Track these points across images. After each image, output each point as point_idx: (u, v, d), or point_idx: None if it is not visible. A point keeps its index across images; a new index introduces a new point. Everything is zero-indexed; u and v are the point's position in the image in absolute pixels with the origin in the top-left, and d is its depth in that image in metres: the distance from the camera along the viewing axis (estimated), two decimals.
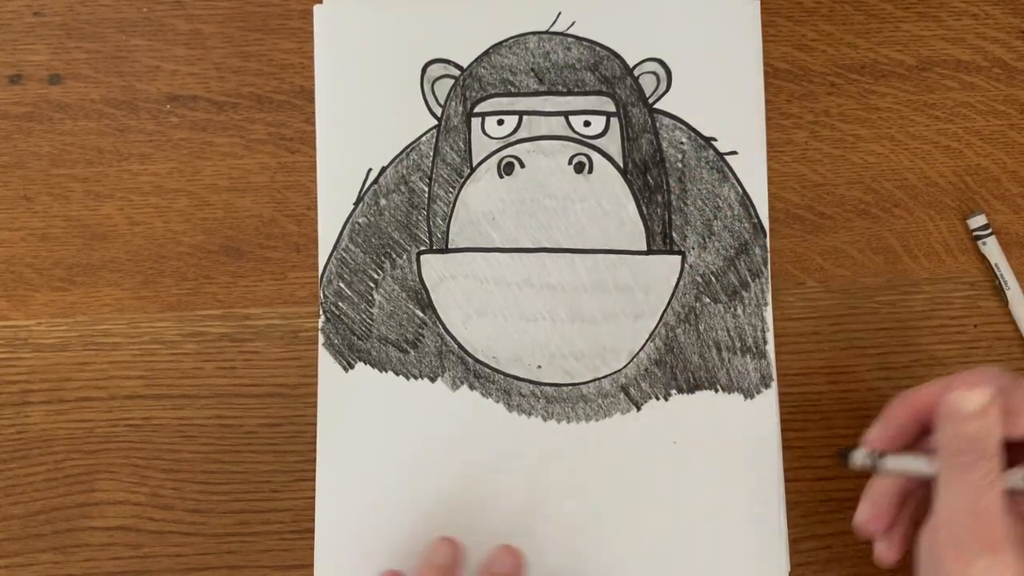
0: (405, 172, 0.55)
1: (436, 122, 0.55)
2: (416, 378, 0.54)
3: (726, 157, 0.55)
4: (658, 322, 0.54)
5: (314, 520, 0.53)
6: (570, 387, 0.54)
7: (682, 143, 0.55)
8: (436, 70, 0.55)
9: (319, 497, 0.53)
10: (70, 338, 0.54)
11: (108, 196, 0.55)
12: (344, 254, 0.54)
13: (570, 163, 0.55)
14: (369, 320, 0.54)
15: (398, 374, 0.54)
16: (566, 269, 0.54)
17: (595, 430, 0.53)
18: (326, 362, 0.54)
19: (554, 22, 0.56)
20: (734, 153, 0.55)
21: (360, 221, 0.55)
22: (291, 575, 0.52)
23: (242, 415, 0.54)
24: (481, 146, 0.55)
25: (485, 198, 0.55)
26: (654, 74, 0.55)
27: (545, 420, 0.53)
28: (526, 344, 0.54)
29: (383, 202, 0.55)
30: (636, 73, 0.55)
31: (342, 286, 0.54)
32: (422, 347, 0.54)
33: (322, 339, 0.54)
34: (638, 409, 0.54)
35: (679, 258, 0.54)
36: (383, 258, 0.54)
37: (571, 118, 0.55)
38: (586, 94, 0.55)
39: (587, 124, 0.55)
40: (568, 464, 0.53)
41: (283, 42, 0.56)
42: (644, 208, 0.54)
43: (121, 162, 0.55)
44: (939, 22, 0.57)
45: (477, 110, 0.55)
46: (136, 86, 0.56)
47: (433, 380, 0.54)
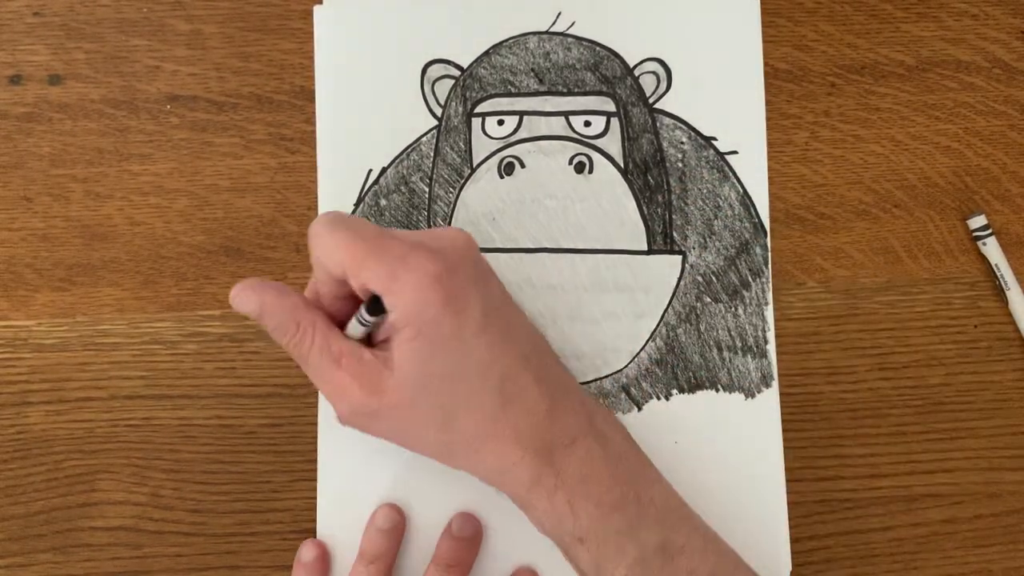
0: (405, 172, 0.55)
1: (436, 122, 0.55)
2: None
3: (726, 156, 0.55)
4: (659, 322, 0.54)
5: (314, 520, 0.53)
6: None
7: (682, 143, 0.55)
8: (436, 70, 0.55)
9: (319, 497, 0.53)
10: (70, 338, 0.54)
11: (108, 196, 0.55)
12: None
13: (570, 163, 0.55)
14: None
15: None
16: (566, 269, 0.54)
17: None
18: None
19: (554, 22, 0.56)
20: (734, 152, 0.55)
21: None
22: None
23: (242, 415, 0.54)
24: (481, 146, 0.55)
25: (485, 198, 0.55)
26: (654, 74, 0.55)
27: None
28: None
29: (383, 203, 0.55)
30: (636, 73, 0.55)
31: None
32: None
33: None
34: (639, 409, 0.54)
35: (680, 258, 0.54)
36: None
37: (571, 118, 0.55)
38: (586, 94, 0.55)
39: (587, 124, 0.55)
40: None
41: (283, 42, 0.56)
42: (645, 208, 0.54)
43: (121, 162, 0.55)
44: (939, 22, 0.57)
45: (477, 110, 0.55)
46: (136, 86, 0.56)
47: None
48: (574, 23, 0.56)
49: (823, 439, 0.54)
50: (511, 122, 0.55)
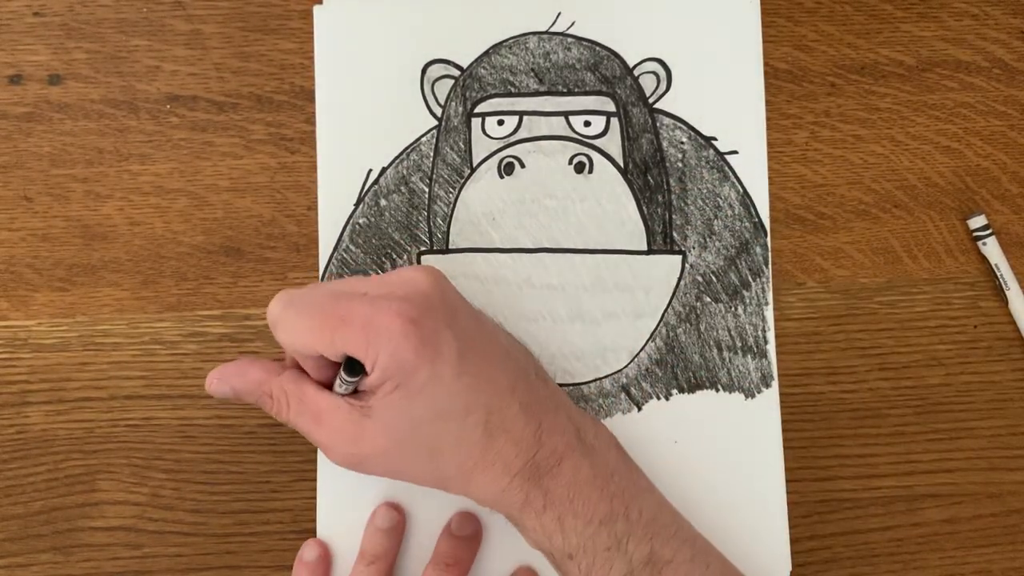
0: (405, 172, 0.55)
1: (436, 122, 0.55)
2: None
3: (726, 156, 0.55)
4: (659, 322, 0.54)
5: (314, 520, 0.53)
6: (571, 387, 0.54)
7: (682, 143, 0.55)
8: (436, 70, 0.55)
9: (319, 497, 0.53)
10: (70, 338, 0.54)
11: (108, 196, 0.55)
12: (344, 255, 0.54)
13: (570, 163, 0.55)
14: None
15: None
16: (566, 269, 0.54)
17: None
18: None
19: (554, 22, 0.56)
20: (734, 152, 0.55)
21: (360, 222, 0.54)
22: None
23: (242, 415, 0.54)
24: (481, 146, 0.55)
25: (485, 198, 0.55)
26: (654, 74, 0.55)
27: None
28: (527, 344, 0.53)
29: (383, 202, 0.55)
30: (636, 73, 0.55)
31: None
32: None
33: None
34: (639, 409, 0.54)
35: (680, 258, 0.54)
36: (383, 259, 0.54)
37: (571, 118, 0.55)
38: (586, 94, 0.55)
39: (587, 124, 0.55)
40: None
41: (283, 42, 0.56)
42: (644, 208, 0.54)
43: (121, 162, 0.55)
44: (939, 22, 0.57)
45: (477, 110, 0.55)
46: (136, 86, 0.56)
47: None
48: (574, 23, 0.56)
49: (823, 439, 0.54)
50: (511, 122, 0.55)
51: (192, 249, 0.55)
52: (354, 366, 0.45)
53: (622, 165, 0.55)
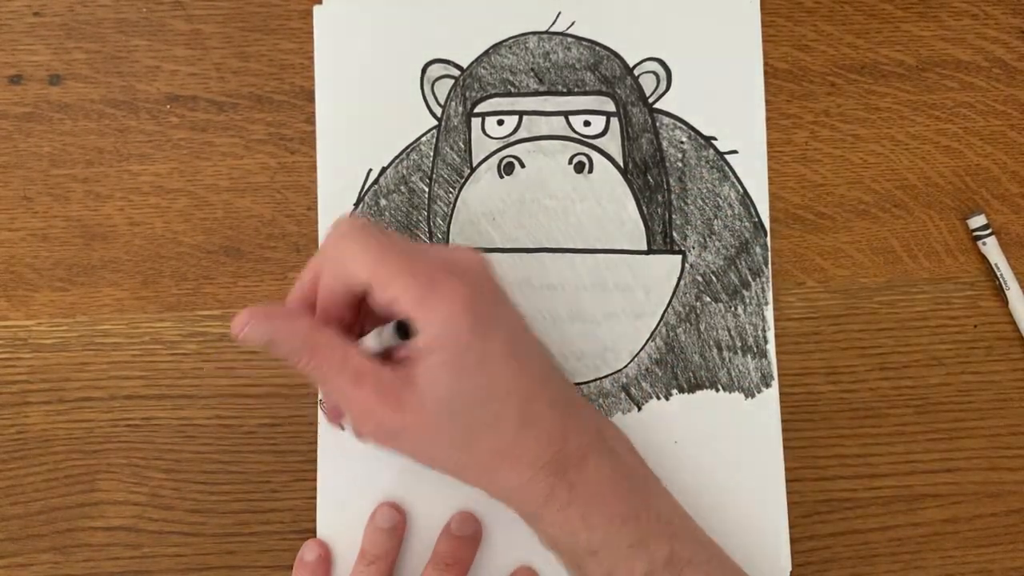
0: (405, 172, 0.55)
1: (436, 122, 0.55)
2: None
3: (726, 156, 0.55)
4: (659, 322, 0.54)
5: (314, 520, 0.53)
6: None
7: (682, 142, 0.55)
8: (436, 70, 0.55)
9: (319, 497, 0.53)
10: (70, 338, 0.54)
11: (108, 196, 0.55)
12: None
13: (570, 163, 0.55)
14: None
15: None
16: (566, 269, 0.54)
17: None
18: None
19: (554, 22, 0.56)
20: (734, 152, 0.55)
21: None
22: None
23: (242, 415, 0.54)
24: (481, 146, 0.55)
25: (485, 198, 0.55)
26: (654, 74, 0.55)
27: None
28: None
29: (383, 202, 0.55)
30: (636, 73, 0.55)
31: None
32: None
33: None
34: (639, 409, 0.54)
35: (679, 257, 0.54)
36: None
37: (571, 118, 0.55)
38: (586, 94, 0.55)
39: (587, 124, 0.55)
40: None
41: (283, 42, 0.56)
42: (644, 208, 0.54)
43: (121, 162, 0.55)
44: (939, 22, 0.57)
45: (477, 110, 0.55)
46: (136, 86, 0.56)
47: None
48: (574, 23, 0.56)
49: (823, 439, 0.54)
50: (511, 122, 0.55)
51: (192, 249, 0.55)
52: (403, 331, 0.43)
53: (622, 165, 0.55)
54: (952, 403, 0.55)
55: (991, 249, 0.55)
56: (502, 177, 0.55)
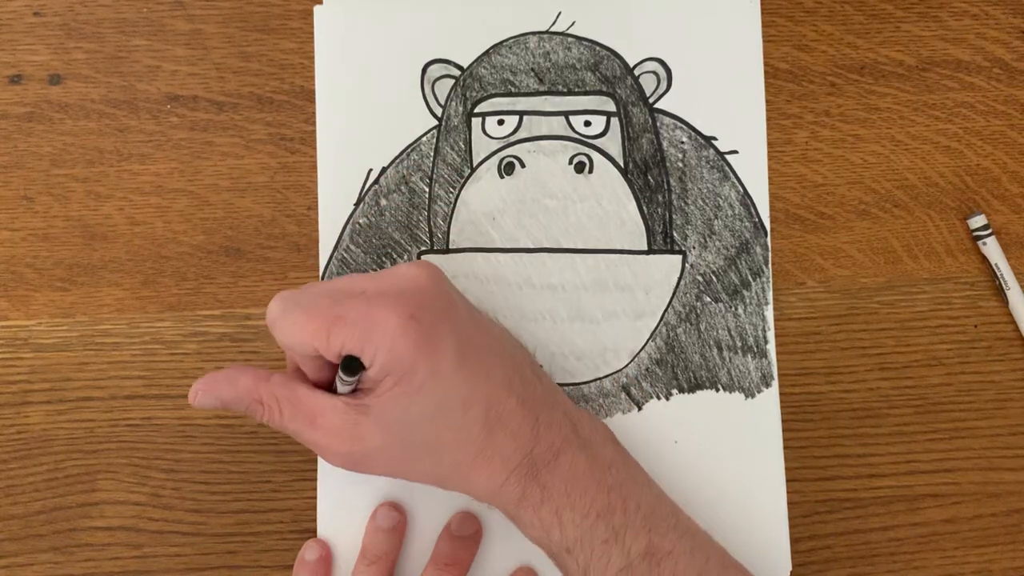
0: (406, 172, 0.55)
1: (436, 122, 0.55)
2: None
3: (727, 156, 0.55)
4: (659, 322, 0.54)
5: (314, 520, 0.53)
6: (571, 387, 0.54)
7: (682, 142, 0.55)
8: (436, 70, 0.55)
9: (319, 497, 0.53)
10: (70, 338, 0.54)
11: (108, 196, 0.55)
12: (345, 254, 0.54)
13: (571, 163, 0.55)
14: None
15: None
16: (567, 269, 0.54)
17: None
18: None
19: (554, 22, 0.56)
20: (735, 152, 0.55)
21: (361, 221, 0.55)
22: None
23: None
24: (481, 146, 0.55)
25: (485, 198, 0.55)
26: (654, 74, 0.55)
27: None
28: (527, 344, 0.54)
29: (384, 202, 0.55)
30: (636, 73, 0.55)
31: None
32: None
33: None
34: (639, 409, 0.54)
35: (680, 257, 0.54)
36: (384, 258, 0.54)
37: (571, 118, 0.55)
38: (586, 94, 0.55)
39: (587, 124, 0.55)
40: None
41: (283, 42, 0.56)
42: (645, 208, 0.54)
43: (121, 162, 0.55)
44: (939, 22, 0.57)
45: (477, 110, 0.55)
46: (136, 86, 0.56)
47: None
48: (574, 23, 0.56)
49: (823, 439, 0.54)
50: (511, 122, 0.55)
51: (192, 249, 0.55)
52: (351, 365, 0.45)
53: (622, 165, 0.55)
54: (952, 403, 0.55)
55: (991, 249, 0.55)
56: (502, 177, 0.55)
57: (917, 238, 0.56)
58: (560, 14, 0.56)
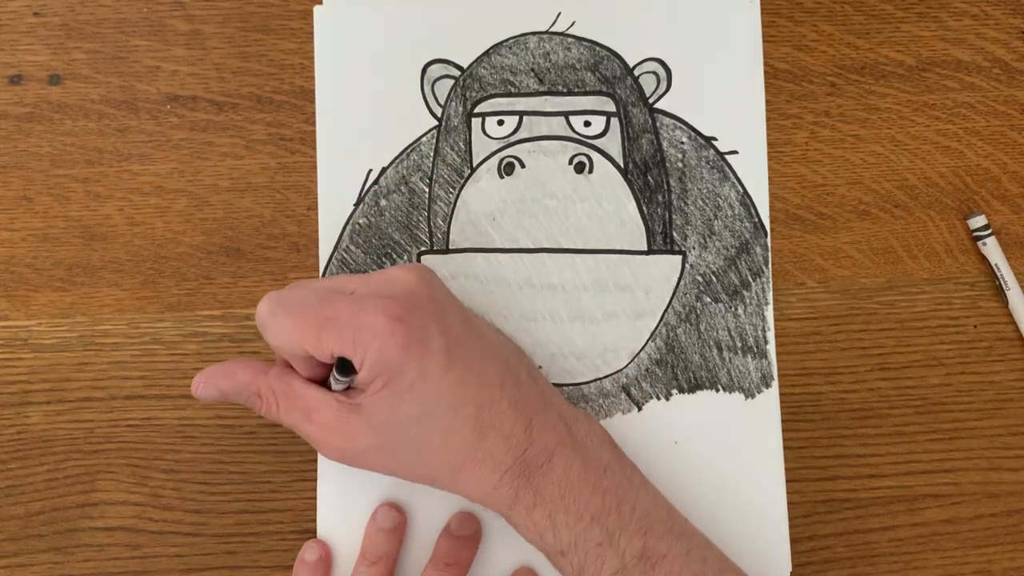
0: (405, 172, 0.55)
1: (436, 122, 0.55)
2: None
3: (727, 156, 0.55)
4: (659, 322, 0.54)
5: (314, 520, 0.53)
6: (571, 387, 0.54)
7: (682, 143, 0.55)
8: (436, 70, 0.55)
9: (319, 497, 0.53)
10: (70, 338, 0.54)
11: (108, 196, 0.55)
12: (345, 255, 0.54)
13: (570, 163, 0.55)
14: None
15: None
16: (567, 269, 0.54)
17: None
18: None
19: (554, 22, 0.56)
20: (735, 152, 0.55)
21: (361, 222, 0.55)
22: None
23: (242, 415, 0.54)
24: (481, 146, 0.55)
25: (485, 198, 0.55)
26: (654, 74, 0.55)
27: None
28: (527, 344, 0.54)
29: (383, 203, 0.55)
30: (636, 73, 0.55)
31: None
32: None
33: None
34: (639, 409, 0.54)
35: (680, 258, 0.54)
36: (384, 259, 0.54)
37: (571, 118, 0.55)
38: (586, 94, 0.55)
39: (587, 124, 0.55)
40: None
41: (283, 42, 0.56)
42: (645, 208, 0.54)
43: (121, 162, 0.55)
44: (939, 22, 0.57)
45: (477, 110, 0.55)
46: (136, 86, 0.56)
47: None
48: (574, 23, 0.56)
49: (823, 439, 0.54)
50: (511, 122, 0.55)
51: (192, 249, 0.55)
52: (346, 366, 0.45)
53: (622, 165, 0.55)
54: (952, 403, 0.55)
55: (991, 249, 0.55)
56: (502, 177, 0.55)
57: (917, 238, 0.56)
58: (560, 14, 0.56)
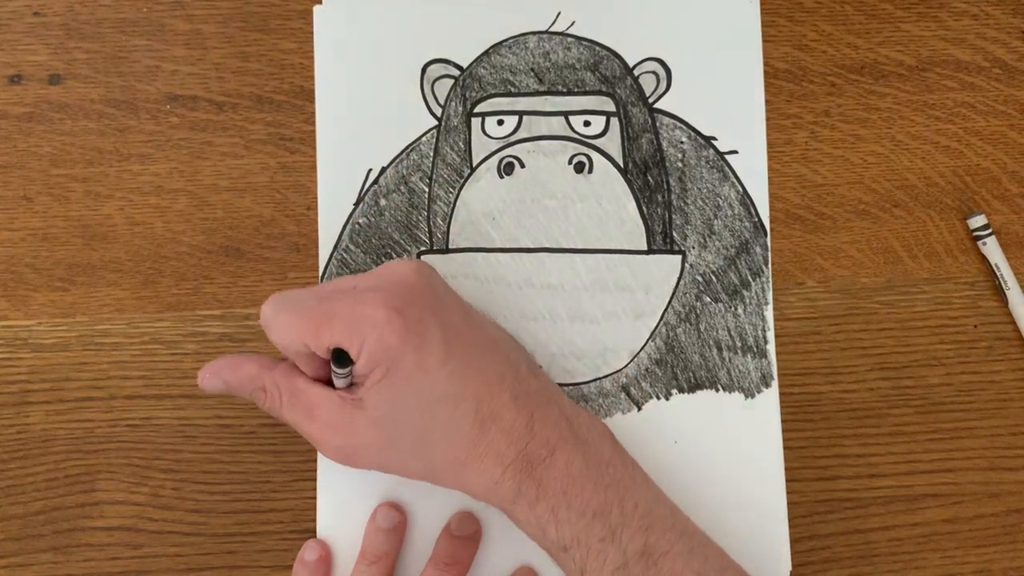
0: (405, 172, 0.55)
1: (436, 122, 0.55)
2: None
3: (726, 156, 0.55)
4: (659, 322, 0.54)
5: (314, 520, 0.53)
6: (571, 387, 0.54)
7: (682, 142, 0.55)
8: (436, 70, 0.55)
9: (319, 497, 0.53)
10: (70, 338, 0.54)
11: (108, 196, 0.55)
12: (344, 255, 0.54)
13: (570, 163, 0.55)
14: None
15: None
16: (566, 269, 0.54)
17: None
18: None
19: (554, 22, 0.56)
20: (734, 152, 0.55)
21: (360, 221, 0.55)
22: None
23: (242, 415, 0.54)
24: (481, 146, 0.55)
25: (485, 198, 0.55)
26: (654, 74, 0.55)
27: None
28: (527, 344, 0.54)
29: (383, 202, 0.55)
30: (636, 73, 0.55)
31: None
32: None
33: None
34: (639, 409, 0.54)
35: (679, 257, 0.54)
36: (383, 258, 0.54)
37: (571, 118, 0.55)
38: (586, 94, 0.55)
39: (587, 124, 0.55)
40: None
41: (283, 42, 0.56)
42: (644, 208, 0.54)
43: (121, 162, 0.55)
44: (939, 22, 0.57)
45: (477, 110, 0.55)
46: (136, 86, 0.56)
47: None
48: (574, 23, 0.56)
49: (823, 439, 0.54)
50: (511, 122, 0.55)
51: (192, 249, 0.55)
52: (342, 357, 0.45)
53: (622, 165, 0.55)
54: (952, 403, 0.55)
55: (991, 249, 0.55)
56: (502, 177, 0.55)
57: (917, 238, 0.56)
58: (560, 14, 0.56)
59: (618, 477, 0.47)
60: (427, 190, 0.55)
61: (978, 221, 0.55)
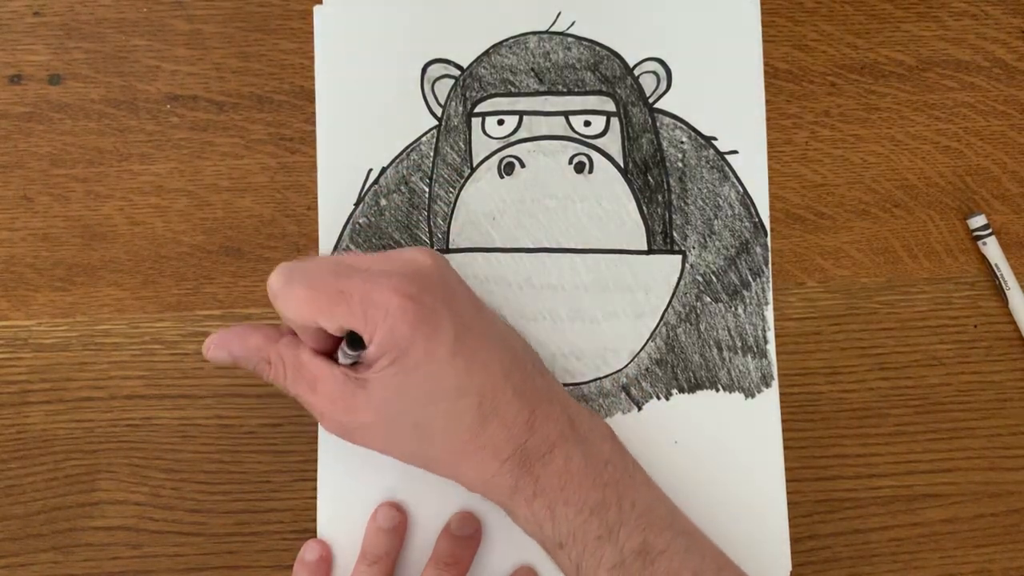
0: (405, 172, 0.55)
1: (436, 122, 0.55)
2: None
3: (727, 156, 0.55)
4: (659, 321, 0.54)
5: (314, 520, 0.53)
6: (571, 387, 0.54)
7: (682, 142, 0.55)
8: (436, 70, 0.55)
9: (319, 497, 0.53)
10: (70, 338, 0.54)
11: (108, 196, 0.55)
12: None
13: (570, 163, 0.55)
14: None
15: None
16: (567, 269, 0.54)
17: None
18: None
19: (554, 22, 0.56)
20: (735, 152, 0.55)
21: (361, 221, 0.55)
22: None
23: (242, 415, 0.54)
24: (481, 146, 0.55)
25: (485, 198, 0.55)
26: (654, 74, 0.55)
27: None
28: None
29: (383, 202, 0.55)
30: (636, 73, 0.55)
31: None
32: None
33: None
34: (639, 409, 0.54)
35: (680, 257, 0.54)
36: None
37: (571, 118, 0.55)
38: (586, 94, 0.55)
39: (587, 124, 0.55)
40: None
41: (283, 42, 0.56)
42: (645, 208, 0.54)
43: (121, 162, 0.55)
44: (939, 22, 0.57)
45: (477, 110, 0.55)
46: (136, 86, 0.56)
47: None
48: (574, 23, 0.56)
49: (823, 439, 0.54)
50: (511, 122, 0.55)
51: (192, 249, 0.55)
52: (356, 340, 0.45)
53: (622, 165, 0.55)
54: (952, 403, 0.55)
55: (991, 249, 0.55)
56: (502, 177, 0.55)
57: (917, 238, 0.56)
58: (560, 14, 0.56)
59: (617, 476, 0.47)
60: (427, 190, 0.55)
61: (978, 221, 0.55)
